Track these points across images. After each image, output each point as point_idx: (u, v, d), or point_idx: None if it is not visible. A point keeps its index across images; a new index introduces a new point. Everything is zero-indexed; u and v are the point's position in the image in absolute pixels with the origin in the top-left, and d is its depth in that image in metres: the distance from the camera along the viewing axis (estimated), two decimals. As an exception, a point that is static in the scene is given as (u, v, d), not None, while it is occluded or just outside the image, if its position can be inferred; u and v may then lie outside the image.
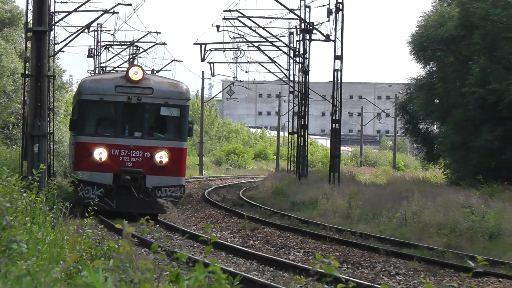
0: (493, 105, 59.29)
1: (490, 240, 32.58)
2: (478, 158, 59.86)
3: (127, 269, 8.52)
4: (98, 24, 71.66)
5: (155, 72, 47.03)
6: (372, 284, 20.63)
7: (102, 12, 59.76)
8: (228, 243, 32.09)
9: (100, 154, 28.78)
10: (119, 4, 58.49)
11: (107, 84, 29.68)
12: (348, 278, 19.16)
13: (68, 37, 64.45)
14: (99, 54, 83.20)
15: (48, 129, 38.78)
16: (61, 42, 68.84)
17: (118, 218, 27.22)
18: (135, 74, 29.34)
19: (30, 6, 35.61)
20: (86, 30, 65.21)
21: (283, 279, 22.70)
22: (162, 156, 29.99)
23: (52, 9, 43.32)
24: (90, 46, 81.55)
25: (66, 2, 61.31)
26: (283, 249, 32.08)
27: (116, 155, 28.83)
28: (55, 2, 57.36)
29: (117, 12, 60.51)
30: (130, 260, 8.48)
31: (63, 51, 74.16)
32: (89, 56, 79.36)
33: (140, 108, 29.99)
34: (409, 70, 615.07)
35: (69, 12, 60.12)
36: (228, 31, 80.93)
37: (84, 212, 22.42)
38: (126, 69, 32.73)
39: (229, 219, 46.18)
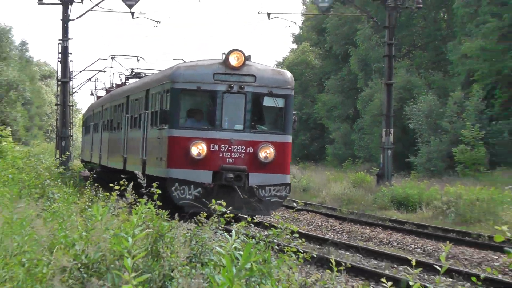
0: (306, 121, 60.68)
1: (303, 192, 32.96)
2: (298, 149, 61.19)
3: (112, 207, 8.89)
4: (96, 77, 73.59)
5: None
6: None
7: (97, 72, 59.69)
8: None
9: (198, 149, 17.73)
10: (107, 67, 58.04)
11: (205, 70, 18.14)
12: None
13: (80, 84, 75.06)
14: (96, 94, 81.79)
15: (69, 133, 38.28)
16: (76, 87, 73.29)
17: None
18: (237, 59, 17.88)
19: (59, 67, 36.29)
20: (89, 81, 66.01)
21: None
22: (266, 152, 18.40)
23: (71, 69, 41.55)
24: (92, 89, 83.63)
25: (78, 66, 64.50)
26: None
27: (216, 151, 17.81)
28: (72, 65, 58.16)
29: (105, 71, 60.47)
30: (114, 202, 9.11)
31: (77, 92, 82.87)
32: (91, 95, 78.72)
33: (242, 97, 18.48)
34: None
35: (80, 71, 63.77)
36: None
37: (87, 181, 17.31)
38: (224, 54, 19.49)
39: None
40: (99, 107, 36.03)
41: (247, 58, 18.21)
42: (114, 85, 40.66)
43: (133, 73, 35.13)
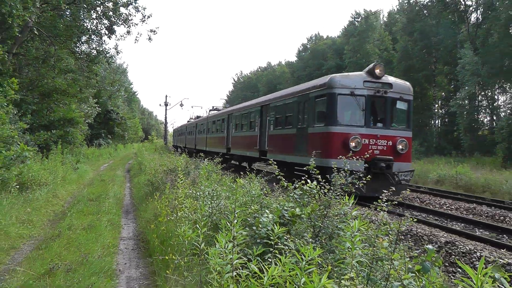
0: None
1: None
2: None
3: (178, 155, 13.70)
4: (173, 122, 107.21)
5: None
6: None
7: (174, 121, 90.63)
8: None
9: (355, 142, 13.64)
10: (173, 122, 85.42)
11: (356, 79, 14.60)
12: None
13: (170, 124, 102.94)
14: (173, 126, 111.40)
15: (167, 136, 58.52)
16: (169, 125, 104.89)
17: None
18: (380, 71, 14.53)
19: (165, 120, 56.90)
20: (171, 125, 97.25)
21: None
22: (402, 144, 14.39)
23: (168, 120, 67.81)
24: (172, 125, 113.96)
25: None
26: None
27: (366, 144, 14.11)
28: (168, 118, 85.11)
29: (175, 122, 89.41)
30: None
31: (169, 125, 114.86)
32: (172, 127, 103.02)
33: (384, 101, 14.71)
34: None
35: (170, 121, 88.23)
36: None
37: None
38: (369, 67, 14.81)
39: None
40: (193, 123, 39.26)
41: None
42: (195, 116, 45.53)
43: (214, 108, 39.61)
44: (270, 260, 3.55)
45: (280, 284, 3.06)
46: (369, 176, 5.76)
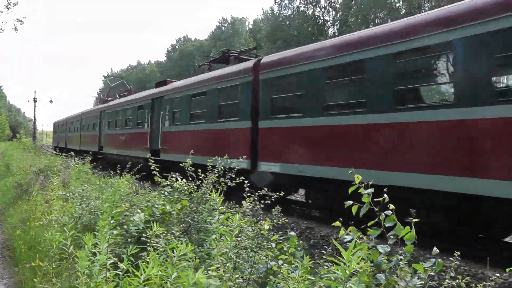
0: None
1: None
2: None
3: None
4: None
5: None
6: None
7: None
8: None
9: None
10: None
11: None
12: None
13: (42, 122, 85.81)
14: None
15: (36, 135, 55.07)
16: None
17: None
18: None
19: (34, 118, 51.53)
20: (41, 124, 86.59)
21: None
22: None
23: (37, 118, 64.07)
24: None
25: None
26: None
27: None
28: (36, 116, 74.08)
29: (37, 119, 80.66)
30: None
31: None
32: (41, 125, 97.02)
33: None
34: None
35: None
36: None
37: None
38: None
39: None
40: (91, 114, 26.04)
41: None
42: (105, 99, 27.78)
43: (124, 94, 23.74)
44: (142, 258, 3.41)
45: (154, 281, 2.89)
46: None
